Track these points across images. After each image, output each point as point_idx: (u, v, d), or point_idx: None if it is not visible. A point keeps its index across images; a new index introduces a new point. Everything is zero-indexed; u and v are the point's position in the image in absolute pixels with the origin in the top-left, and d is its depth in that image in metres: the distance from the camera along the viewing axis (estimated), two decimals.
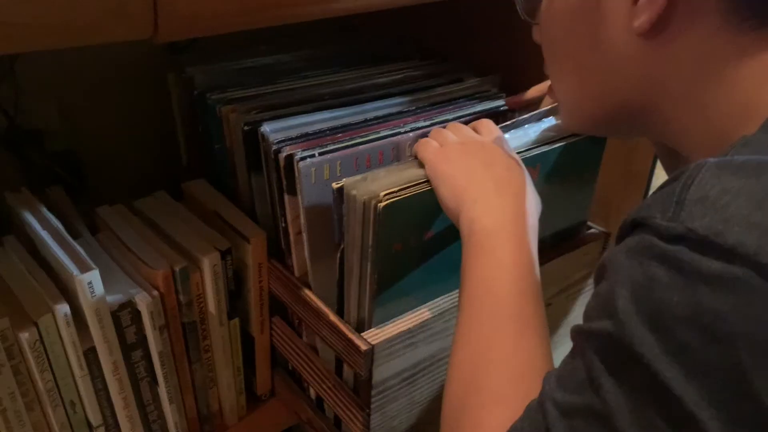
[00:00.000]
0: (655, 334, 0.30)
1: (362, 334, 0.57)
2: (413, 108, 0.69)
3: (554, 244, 0.70)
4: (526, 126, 0.64)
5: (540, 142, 0.63)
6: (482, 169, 0.53)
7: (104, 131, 0.83)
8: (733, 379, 0.28)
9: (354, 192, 0.54)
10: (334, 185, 0.55)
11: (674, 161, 0.62)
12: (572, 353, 0.36)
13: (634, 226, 0.34)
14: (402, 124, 0.64)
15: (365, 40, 0.86)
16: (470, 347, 0.45)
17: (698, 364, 0.29)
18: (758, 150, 0.32)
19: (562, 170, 0.65)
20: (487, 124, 0.61)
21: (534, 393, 0.39)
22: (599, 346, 0.33)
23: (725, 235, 0.29)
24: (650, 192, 1.21)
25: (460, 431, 0.42)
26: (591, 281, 0.76)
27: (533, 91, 0.69)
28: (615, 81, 0.44)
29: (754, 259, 0.28)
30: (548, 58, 0.50)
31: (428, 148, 0.57)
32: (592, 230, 0.73)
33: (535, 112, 0.66)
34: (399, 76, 0.76)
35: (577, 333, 0.36)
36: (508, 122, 0.64)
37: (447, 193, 0.53)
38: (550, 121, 0.65)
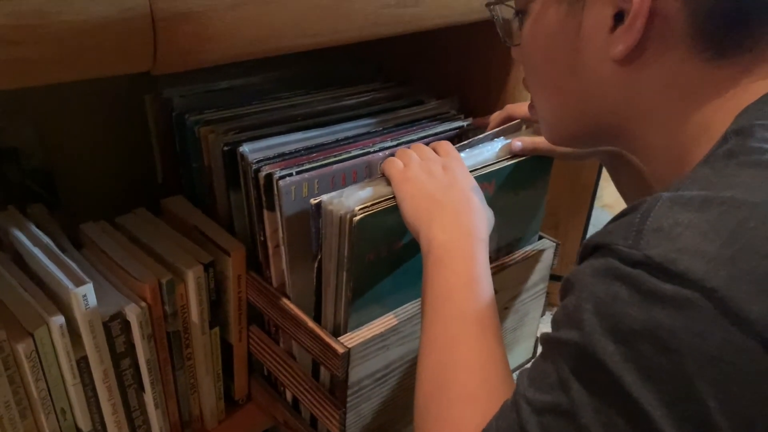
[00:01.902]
0: (616, 344, 0.34)
1: (339, 338, 0.62)
2: (380, 129, 0.74)
3: (509, 252, 0.77)
4: (481, 145, 0.71)
5: (494, 159, 0.69)
6: (440, 190, 0.59)
7: (79, 149, 0.86)
8: (681, 384, 0.32)
9: (331, 207, 0.59)
10: (312, 201, 0.60)
11: (622, 176, 0.69)
12: (543, 357, 0.40)
13: (597, 248, 0.38)
14: (371, 144, 0.70)
15: (328, 61, 0.91)
16: (436, 351, 0.50)
17: (652, 370, 0.33)
18: (704, 186, 0.36)
19: (514, 185, 0.71)
20: (445, 145, 0.67)
21: (499, 390, 0.45)
22: (567, 353, 0.37)
23: (677, 263, 0.33)
24: (594, 204, 1.29)
25: (433, 429, 0.46)
26: (543, 286, 0.82)
27: (494, 116, 0.76)
28: (591, 103, 0.48)
29: (701, 283, 0.32)
30: (529, 78, 0.54)
31: (393, 168, 0.62)
32: (544, 240, 0.80)
33: (487, 133, 0.73)
34: (365, 98, 0.81)
35: (546, 340, 0.40)
36: (464, 142, 0.71)
37: (409, 212, 0.58)
38: (501, 141, 0.71)
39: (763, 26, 0.41)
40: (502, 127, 0.74)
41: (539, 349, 0.43)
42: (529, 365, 0.41)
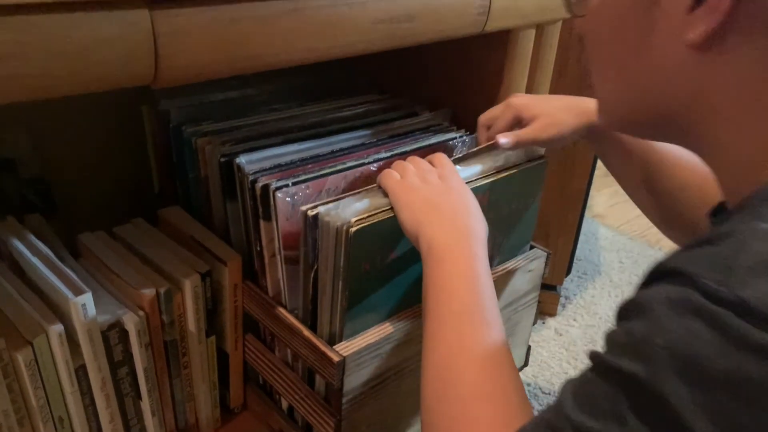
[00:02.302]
0: (690, 387, 0.31)
1: (334, 347, 0.63)
2: (374, 140, 0.75)
3: (502, 262, 0.78)
4: (475, 158, 0.72)
5: (487, 171, 0.71)
6: (438, 195, 0.61)
7: (76, 159, 0.87)
8: None
9: (327, 218, 0.60)
10: (309, 212, 0.61)
11: (611, 157, 0.69)
12: (597, 377, 0.36)
13: (674, 275, 0.34)
14: (365, 155, 0.71)
15: (323, 74, 0.92)
16: (442, 346, 0.50)
17: (730, 422, 0.30)
18: None
19: (507, 197, 0.73)
20: (440, 156, 0.68)
21: (509, 385, 0.45)
22: (628, 385, 0.34)
23: None
24: (585, 214, 1.30)
25: (446, 427, 0.46)
26: (535, 295, 0.84)
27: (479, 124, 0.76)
28: (658, 90, 0.43)
29: None
30: (591, 55, 0.48)
31: (390, 179, 0.64)
32: (535, 249, 0.81)
33: (479, 147, 0.74)
34: (360, 110, 0.83)
35: (601, 363, 0.36)
36: (457, 156, 0.72)
37: (408, 218, 0.60)
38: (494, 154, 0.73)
39: None
40: (491, 143, 0.75)
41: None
42: (574, 379, 0.38)
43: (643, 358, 0.33)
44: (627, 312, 0.36)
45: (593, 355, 0.37)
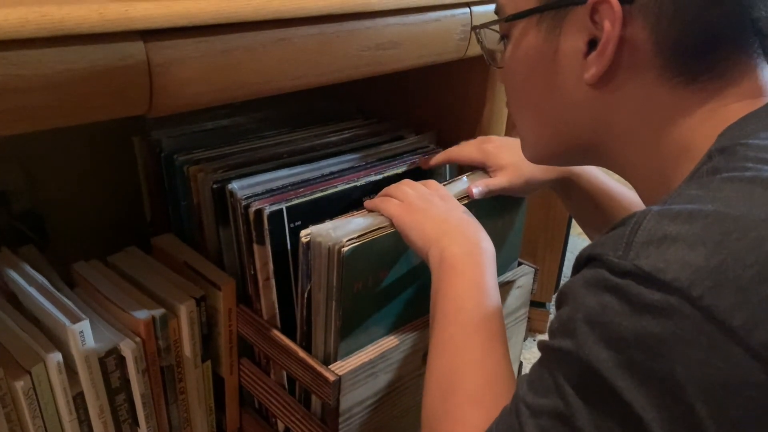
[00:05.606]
0: (608, 351, 0.36)
1: (329, 366, 0.64)
2: (363, 163, 0.77)
3: None
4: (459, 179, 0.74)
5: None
6: (444, 213, 0.62)
7: (68, 190, 0.87)
8: (671, 388, 0.34)
9: (320, 239, 0.61)
10: (302, 233, 0.62)
11: (574, 201, 0.72)
12: (540, 363, 0.42)
13: (589, 260, 0.40)
14: (356, 178, 0.73)
15: (310, 101, 0.94)
16: (446, 356, 0.53)
17: (644, 375, 0.35)
18: (690, 200, 0.38)
19: (493, 214, 0.74)
20: (433, 182, 0.70)
21: (503, 394, 0.47)
22: (562, 360, 0.39)
23: (665, 272, 0.35)
24: (570, 231, 1.33)
25: (441, 429, 0.49)
26: (524, 311, 0.85)
27: (441, 157, 0.78)
28: (569, 122, 0.51)
29: (687, 291, 0.34)
30: (510, 99, 0.57)
31: (391, 205, 0.65)
32: (523, 266, 0.83)
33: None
34: (347, 135, 0.84)
35: (544, 347, 0.42)
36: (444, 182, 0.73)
37: (417, 238, 0.61)
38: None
39: (729, 56, 0.44)
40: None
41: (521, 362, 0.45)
42: (527, 371, 0.43)
43: (571, 334, 0.38)
44: (559, 302, 0.42)
45: (538, 344, 0.42)
